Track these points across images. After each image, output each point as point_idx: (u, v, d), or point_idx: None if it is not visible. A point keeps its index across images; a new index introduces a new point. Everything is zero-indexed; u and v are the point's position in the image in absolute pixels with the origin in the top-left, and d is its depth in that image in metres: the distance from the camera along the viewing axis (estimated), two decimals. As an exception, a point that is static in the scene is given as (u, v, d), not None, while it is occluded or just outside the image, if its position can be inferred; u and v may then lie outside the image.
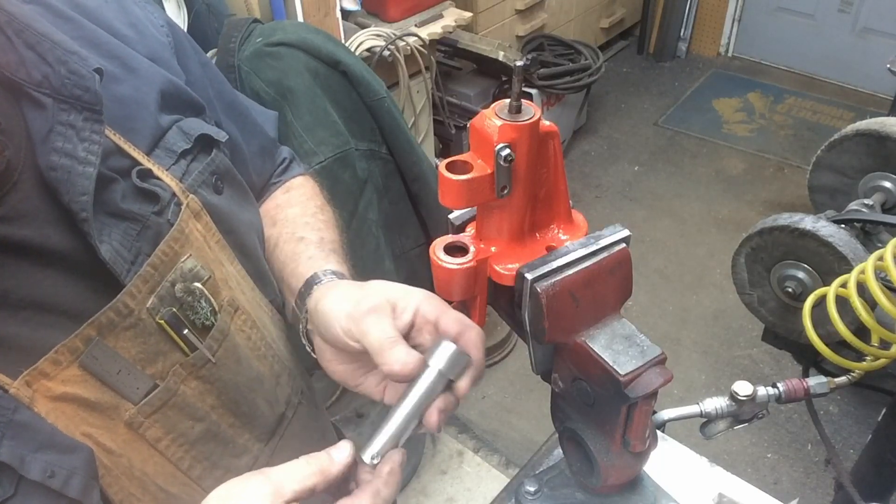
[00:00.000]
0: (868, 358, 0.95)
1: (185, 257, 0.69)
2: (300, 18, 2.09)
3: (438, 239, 0.67)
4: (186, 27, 1.86)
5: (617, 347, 0.63)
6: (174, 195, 0.69)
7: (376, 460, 0.62)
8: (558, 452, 0.88)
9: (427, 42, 2.49)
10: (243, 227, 0.81)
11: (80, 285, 0.62)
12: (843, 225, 1.03)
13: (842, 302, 0.92)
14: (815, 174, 1.24)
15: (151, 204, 0.67)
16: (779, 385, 0.89)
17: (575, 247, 0.64)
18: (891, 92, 3.46)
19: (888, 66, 2.47)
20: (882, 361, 0.94)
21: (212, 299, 0.71)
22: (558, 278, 0.62)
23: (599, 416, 0.67)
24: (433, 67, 2.63)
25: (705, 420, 0.87)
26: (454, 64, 3.16)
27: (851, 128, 1.17)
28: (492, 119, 0.59)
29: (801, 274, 1.05)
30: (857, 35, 4.18)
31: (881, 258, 0.88)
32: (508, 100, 0.58)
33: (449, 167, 0.60)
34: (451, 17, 2.67)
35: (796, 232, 1.01)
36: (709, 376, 2.71)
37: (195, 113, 0.77)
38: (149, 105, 0.70)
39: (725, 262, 1.23)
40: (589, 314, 0.65)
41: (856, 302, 0.89)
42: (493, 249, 0.66)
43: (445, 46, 3.04)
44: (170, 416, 0.68)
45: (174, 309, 0.67)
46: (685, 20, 4.60)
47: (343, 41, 2.25)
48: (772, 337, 1.18)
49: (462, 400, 0.68)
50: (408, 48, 2.40)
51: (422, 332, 0.70)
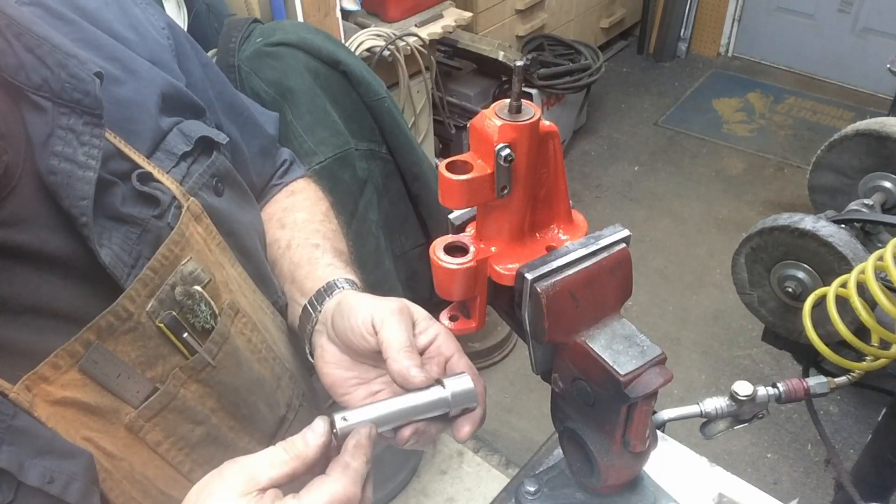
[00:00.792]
0: (868, 358, 0.95)
1: (186, 260, 0.69)
2: (300, 18, 2.09)
3: (438, 239, 0.67)
4: (186, 27, 1.86)
5: (617, 347, 0.63)
6: (174, 198, 0.69)
7: (344, 423, 0.61)
8: (558, 452, 0.88)
9: (427, 42, 2.49)
10: (244, 229, 0.81)
11: (80, 289, 0.62)
12: (843, 225, 1.03)
13: (842, 302, 0.92)
14: (815, 174, 1.24)
15: (151, 207, 0.67)
16: (779, 385, 0.89)
17: (575, 247, 0.64)
18: (891, 92, 3.46)
19: (888, 66, 2.47)
20: (882, 361, 0.94)
21: (212, 302, 0.71)
22: (558, 278, 0.62)
23: (599, 416, 0.67)
24: (433, 67, 2.63)
25: (705, 420, 0.87)
26: (454, 64, 3.16)
27: (851, 128, 1.17)
28: (492, 119, 0.59)
29: (801, 274, 1.05)
30: (857, 35, 4.18)
31: (881, 258, 0.88)
32: (508, 100, 0.58)
33: (449, 167, 0.60)
34: (451, 17, 2.67)
35: (796, 232, 1.01)
36: (709, 376, 2.71)
37: (196, 115, 0.77)
38: (149, 107, 0.70)
39: (725, 262, 1.23)
40: (589, 314, 0.65)
41: (856, 302, 0.89)
42: (493, 249, 0.66)
43: (445, 46, 3.04)
44: (170, 420, 0.68)
45: (174, 312, 0.67)
46: (685, 20, 4.60)
47: (343, 41, 2.26)
48: (772, 337, 1.18)
49: (459, 441, 0.70)
50: (408, 48, 2.40)
51: (432, 362, 0.70)
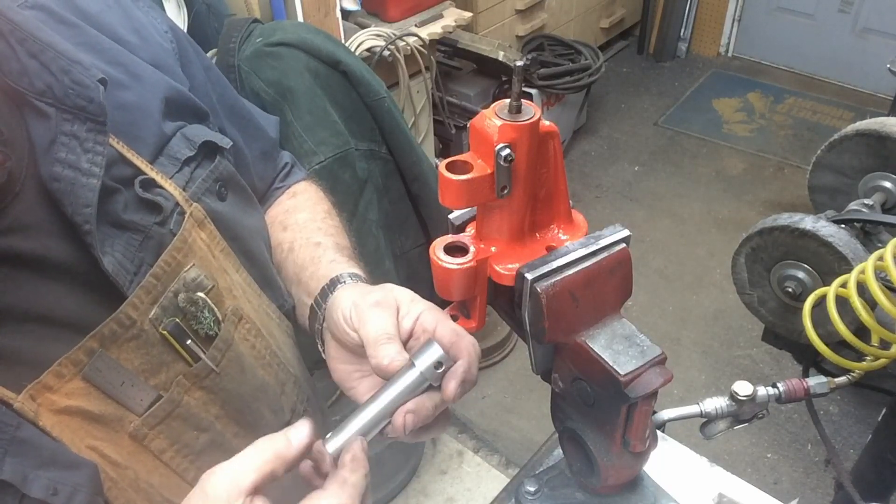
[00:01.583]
0: (868, 358, 0.95)
1: (189, 267, 0.68)
2: (300, 18, 2.09)
3: (438, 239, 0.67)
4: (186, 27, 1.86)
5: (617, 347, 0.63)
6: (177, 204, 0.69)
7: (332, 441, 0.60)
8: (558, 452, 0.88)
9: (427, 42, 2.49)
10: (248, 234, 0.81)
11: (83, 297, 0.62)
12: (843, 225, 1.03)
13: (842, 302, 0.93)
14: (815, 174, 1.24)
15: (154, 214, 0.67)
16: (779, 385, 0.89)
17: (575, 247, 0.64)
18: (891, 92, 3.45)
19: (888, 66, 2.47)
20: (882, 361, 0.94)
21: (215, 309, 0.71)
22: (558, 278, 0.62)
23: (599, 416, 0.67)
24: (433, 67, 2.63)
25: (705, 420, 0.87)
26: (454, 64, 3.16)
27: (851, 128, 1.17)
28: (492, 119, 0.59)
29: (801, 274, 1.05)
30: (857, 35, 4.18)
31: (881, 258, 0.88)
32: (508, 100, 0.58)
33: (449, 167, 0.60)
34: (451, 17, 2.67)
35: (796, 232, 1.01)
36: (709, 376, 2.71)
37: (199, 119, 0.76)
38: (153, 112, 0.70)
39: (725, 262, 1.23)
40: (589, 314, 0.65)
41: (856, 302, 0.89)
42: (493, 249, 0.66)
43: (445, 46, 3.04)
44: (174, 427, 0.68)
45: (177, 319, 0.67)
46: (685, 20, 4.60)
47: (343, 41, 2.25)
48: (772, 337, 1.18)
49: (450, 401, 0.67)
50: (408, 48, 2.40)
51: (419, 342, 0.70)
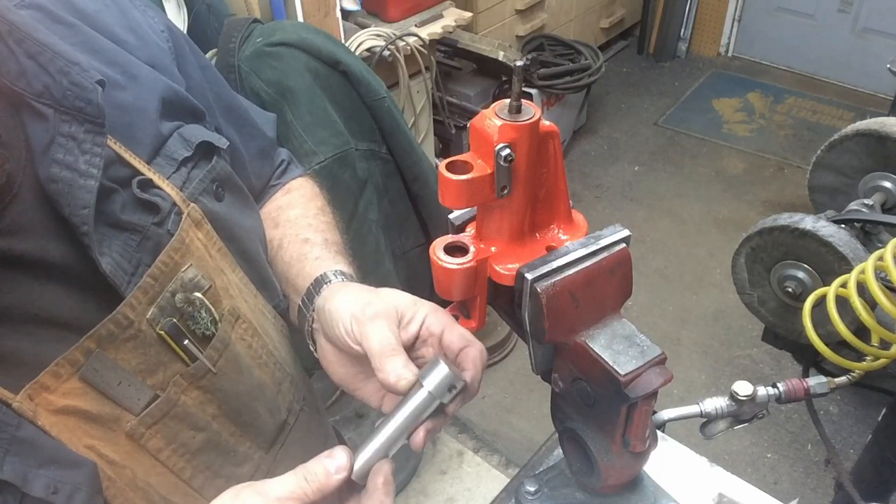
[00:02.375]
0: (868, 358, 0.95)
1: (186, 267, 0.68)
2: (300, 18, 2.09)
3: (438, 239, 0.67)
4: (186, 27, 1.86)
5: (617, 347, 0.63)
6: (174, 204, 0.69)
7: (363, 481, 0.61)
8: (558, 452, 0.88)
9: (427, 42, 2.49)
10: (245, 234, 0.81)
11: (81, 298, 0.62)
12: (843, 225, 1.03)
13: (842, 302, 0.92)
14: (815, 174, 1.24)
15: (151, 214, 0.67)
16: (779, 385, 0.89)
17: (575, 247, 0.64)
18: (891, 92, 3.46)
19: (888, 66, 2.47)
20: (882, 361, 0.94)
21: (212, 309, 0.71)
22: (558, 278, 0.62)
23: (599, 416, 0.67)
24: (433, 67, 2.63)
25: (705, 420, 0.87)
26: (454, 64, 3.16)
27: (851, 128, 1.17)
28: (492, 119, 0.59)
29: (801, 274, 1.05)
30: (857, 35, 4.18)
31: (881, 258, 0.88)
32: (508, 100, 0.58)
33: (449, 167, 0.60)
34: (451, 17, 2.67)
35: (796, 232, 1.01)
36: (709, 376, 2.71)
37: (196, 119, 0.76)
38: (150, 113, 0.69)
39: (725, 262, 1.23)
40: (589, 314, 0.65)
41: (856, 302, 0.89)
42: (493, 249, 0.66)
43: (445, 46, 3.04)
44: (171, 427, 0.68)
45: (174, 319, 0.67)
46: (685, 20, 4.60)
47: (343, 41, 2.26)
48: (772, 337, 1.18)
49: (450, 419, 0.67)
50: (408, 48, 2.40)
51: (426, 345, 0.70)
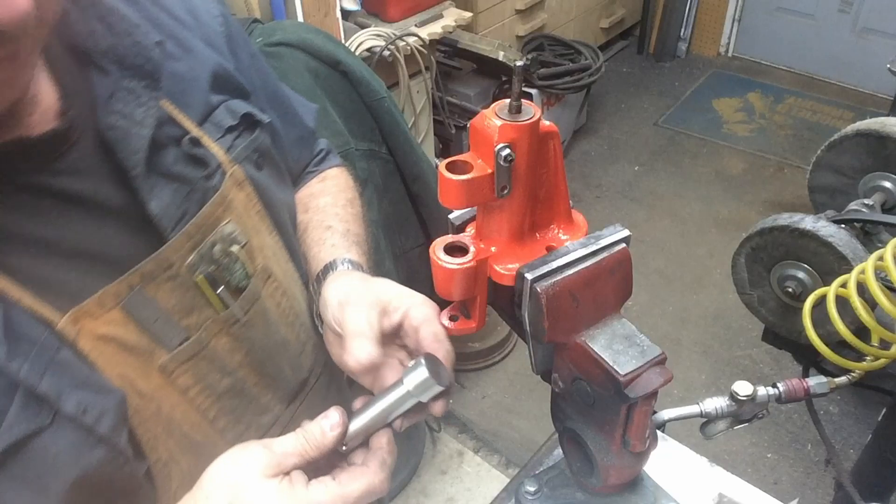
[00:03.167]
0: (868, 358, 0.95)
1: (226, 222, 0.74)
2: (300, 18, 2.09)
3: (438, 239, 0.67)
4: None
5: (617, 347, 0.63)
6: (220, 164, 0.75)
7: (344, 448, 0.67)
8: (558, 452, 0.88)
9: (427, 42, 2.49)
10: (279, 204, 0.85)
11: (128, 238, 0.67)
12: (843, 225, 1.03)
13: (842, 302, 0.93)
14: (815, 174, 1.24)
15: (200, 169, 0.72)
16: (779, 385, 0.89)
17: (575, 247, 0.64)
18: (891, 92, 3.46)
19: (888, 66, 2.47)
20: (882, 361, 0.94)
21: (246, 264, 0.76)
22: (558, 278, 0.62)
23: (599, 416, 0.67)
24: (433, 67, 2.63)
25: (705, 420, 0.87)
26: (454, 64, 3.16)
27: (851, 128, 1.17)
28: (492, 119, 0.59)
29: (801, 274, 1.05)
30: (857, 35, 4.18)
31: (881, 258, 0.88)
32: (508, 100, 0.58)
33: (449, 167, 0.60)
34: (451, 17, 2.67)
35: (796, 232, 1.01)
36: (709, 376, 2.71)
37: (242, 97, 0.82)
38: (201, 83, 0.76)
39: (725, 262, 1.23)
40: (589, 314, 0.65)
41: (856, 302, 0.89)
42: (493, 249, 0.66)
43: (445, 46, 3.04)
44: (200, 367, 0.73)
45: (211, 268, 0.72)
46: (685, 20, 4.60)
47: (343, 41, 2.26)
48: (772, 337, 1.18)
49: (441, 414, 0.73)
50: (408, 48, 2.40)
51: (408, 336, 0.74)
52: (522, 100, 0.59)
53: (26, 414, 0.57)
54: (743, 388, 0.84)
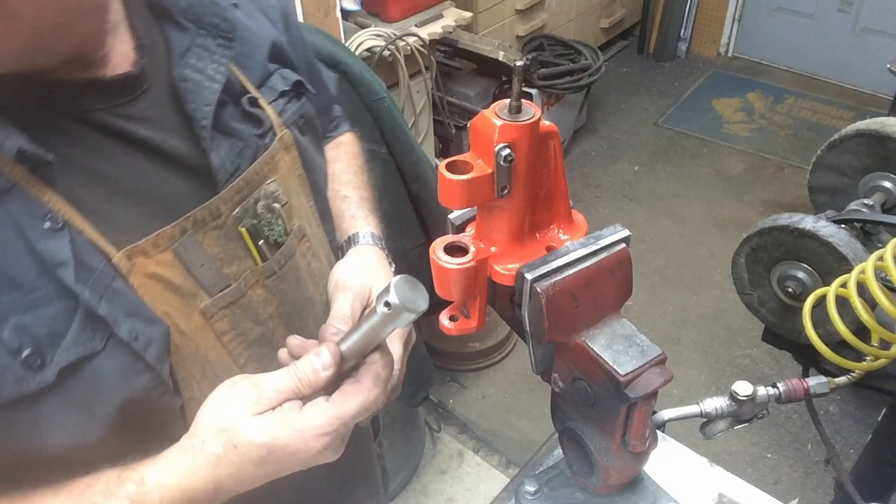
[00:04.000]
0: (868, 358, 0.95)
1: (271, 181, 0.78)
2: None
3: (438, 239, 0.67)
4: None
5: (617, 347, 0.63)
6: (272, 126, 0.79)
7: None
8: (558, 452, 0.88)
9: (427, 42, 2.49)
10: (317, 170, 0.90)
11: (185, 185, 0.71)
12: (843, 225, 1.03)
13: (842, 302, 0.93)
14: (815, 174, 1.24)
15: (256, 127, 0.77)
16: (779, 385, 0.89)
17: (575, 247, 0.64)
18: (891, 92, 3.45)
19: (888, 66, 2.47)
20: (882, 361, 0.94)
21: (286, 221, 0.80)
22: (558, 278, 0.62)
23: (599, 416, 0.67)
24: (433, 67, 2.63)
25: (705, 420, 0.87)
26: (454, 64, 3.16)
27: (851, 128, 1.17)
28: (492, 119, 0.59)
29: (801, 274, 1.05)
30: (857, 35, 4.18)
31: (881, 258, 0.88)
32: (508, 100, 0.58)
33: (449, 167, 0.60)
34: (451, 17, 2.67)
35: (796, 232, 1.01)
36: (709, 376, 2.71)
37: (291, 68, 0.87)
38: (262, 50, 0.81)
39: (725, 262, 1.23)
40: (589, 314, 0.65)
41: (856, 302, 0.89)
42: (493, 249, 0.66)
43: (445, 46, 3.04)
44: (236, 314, 0.76)
45: (254, 222, 0.76)
46: (685, 20, 4.60)
47: (343, 41, 2.26)
48: (772, 337, 1.18)
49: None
50: (408, 48, 2.40)
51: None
52: (522, 100, 0.59)
53: (84, 336, 0.60)
54: (743, 388, 0.84)
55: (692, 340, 2.85)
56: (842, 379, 0.95)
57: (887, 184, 1.16)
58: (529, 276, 0.61)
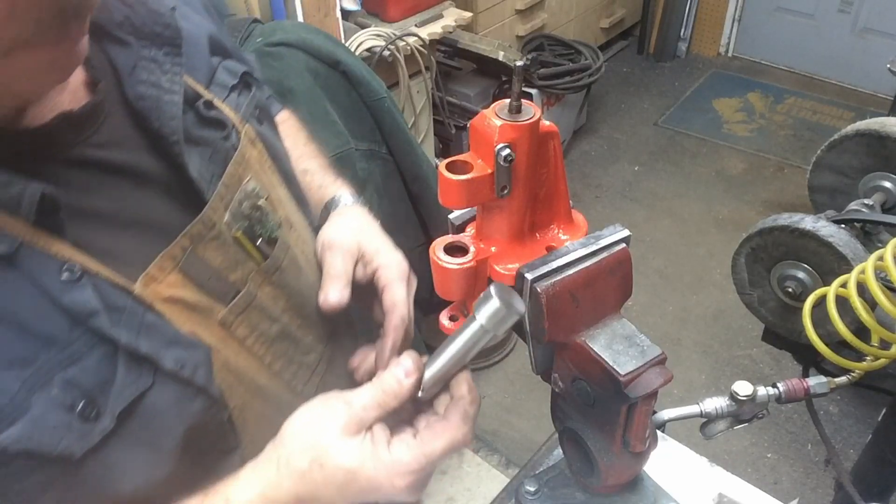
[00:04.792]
0: (868, 358, 0.95)
1: (247, 179, 0.76)
2: (300, 18, 2.09)
3: (438, 239, 0.67)
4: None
5: (617, 347, 0.63)
6: (234, 125, 0.77)
7: (423, 394, 0.65)
8: (558, 452, 0.88)
9: (427, 42, 2.49)
10: (283, 157, 0.88)
11: (170, 203, 0.69)
12: (843, 225, 1.03)
13: (842, 302, 0.92)
14: (815, 174, 1.24)
15: (219, 130, 0.74)
16: (779, 385, 0.89)
17: (575, 247, 0.64)
18: (891, 92, 3.46)
19: (888, 66, 2.47)
20: (882, 361, 0.94)
21: (273, 215, 0.79)
22: (558, 278, 0.62)
23: (599, 416, 0.67)
24: (433, 67, 2.63)
25: (705, 420, 0.87)
26: (454, 64, 3.16)
27: (851, 128, 1.17)
28: (492, 119, 0.59)
29: (801, 274, 1.05)
30: (857, 35, 4.18)
31: (881, 258, 0.88)
32: (508, 100, 0.58)
33: (449, 167, 0.60)
34: (451, 17, 2.68)
35: (796, 232, 1.01)
36: (709, 376, 2.71)
37: (228, 57, 0.84)
38: (203, 46, 0.78)
39: (725, 262, 1.23)
40: (589, 314, 0.65)
41: (856, 302, 0.89)
42: (493, 249, 0.66)
43: (445, 46, 3.04)
44: (252, 317, 0.76)
45: (245, 224, 0.75)
46: (685, 20, 4.60)
47: (343, 41, 2.26)
48: (772, 337, 1.18)
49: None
50: (408, 48, 2.40)
51: (378, 292, 0.81)
52: (522, 100, 0.59)
53: (131, 377, 0.60)
54: (743, 388, 0.84)
55: (692, 340, 2.85)
56: (842, 379, 0.95)
57: (887, 184, 1.16)
58: (529, 276, 0.61)
